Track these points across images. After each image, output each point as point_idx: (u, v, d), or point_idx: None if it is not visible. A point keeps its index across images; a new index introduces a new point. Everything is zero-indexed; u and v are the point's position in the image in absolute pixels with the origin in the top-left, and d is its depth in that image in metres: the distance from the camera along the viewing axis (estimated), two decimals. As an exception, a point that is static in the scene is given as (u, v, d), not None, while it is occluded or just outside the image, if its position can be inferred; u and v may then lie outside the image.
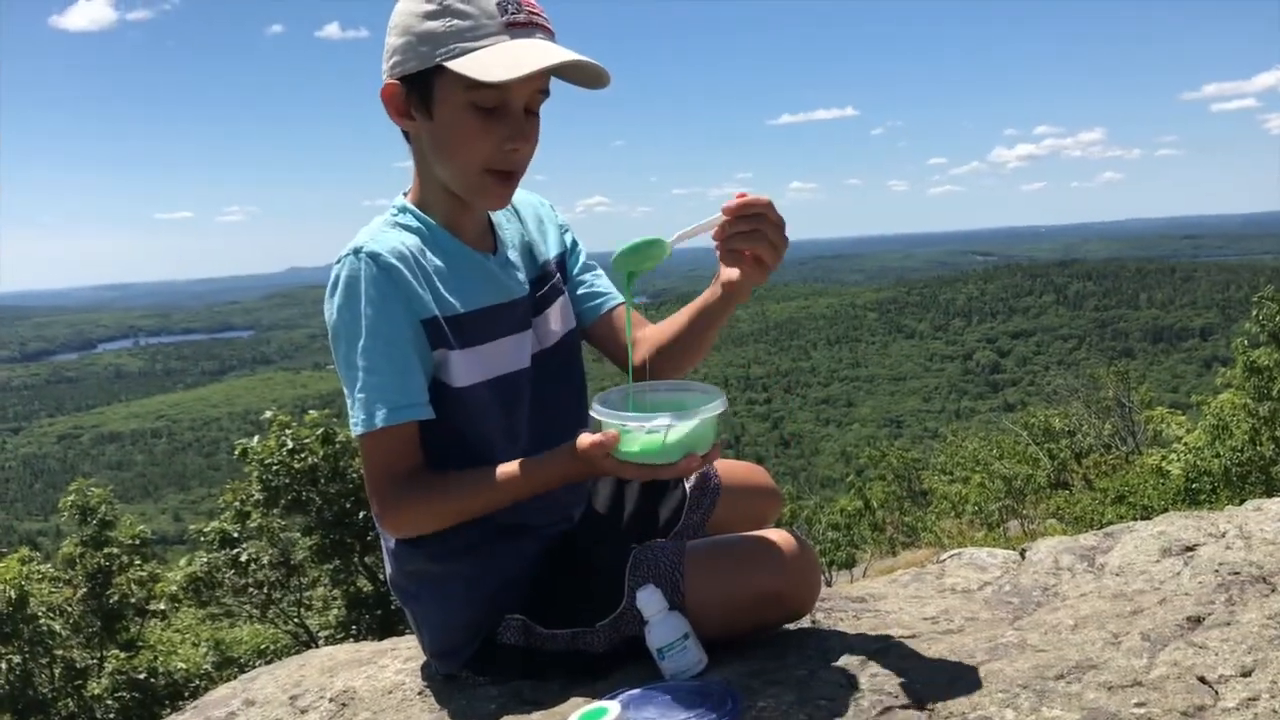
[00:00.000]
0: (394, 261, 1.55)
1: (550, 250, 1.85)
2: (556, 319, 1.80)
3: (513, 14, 1.50)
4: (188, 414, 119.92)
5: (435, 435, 1.62)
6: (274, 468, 10.51)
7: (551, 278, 1.82)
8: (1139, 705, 1.28)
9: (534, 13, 1.53)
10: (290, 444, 10.55)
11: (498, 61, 1.47)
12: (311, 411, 11.20)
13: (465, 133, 1.55)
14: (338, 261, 1.58)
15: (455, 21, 1.49)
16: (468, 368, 1.62)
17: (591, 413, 1.48)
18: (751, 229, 1.50)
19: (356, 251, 1.55)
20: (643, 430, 1.43)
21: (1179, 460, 13.58)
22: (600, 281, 1.92)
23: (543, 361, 1.76)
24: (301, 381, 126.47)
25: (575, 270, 1.91)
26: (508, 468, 1.57)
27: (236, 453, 10.99)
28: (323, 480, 10.63)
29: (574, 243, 1.93)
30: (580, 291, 1.90)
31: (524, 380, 1.72)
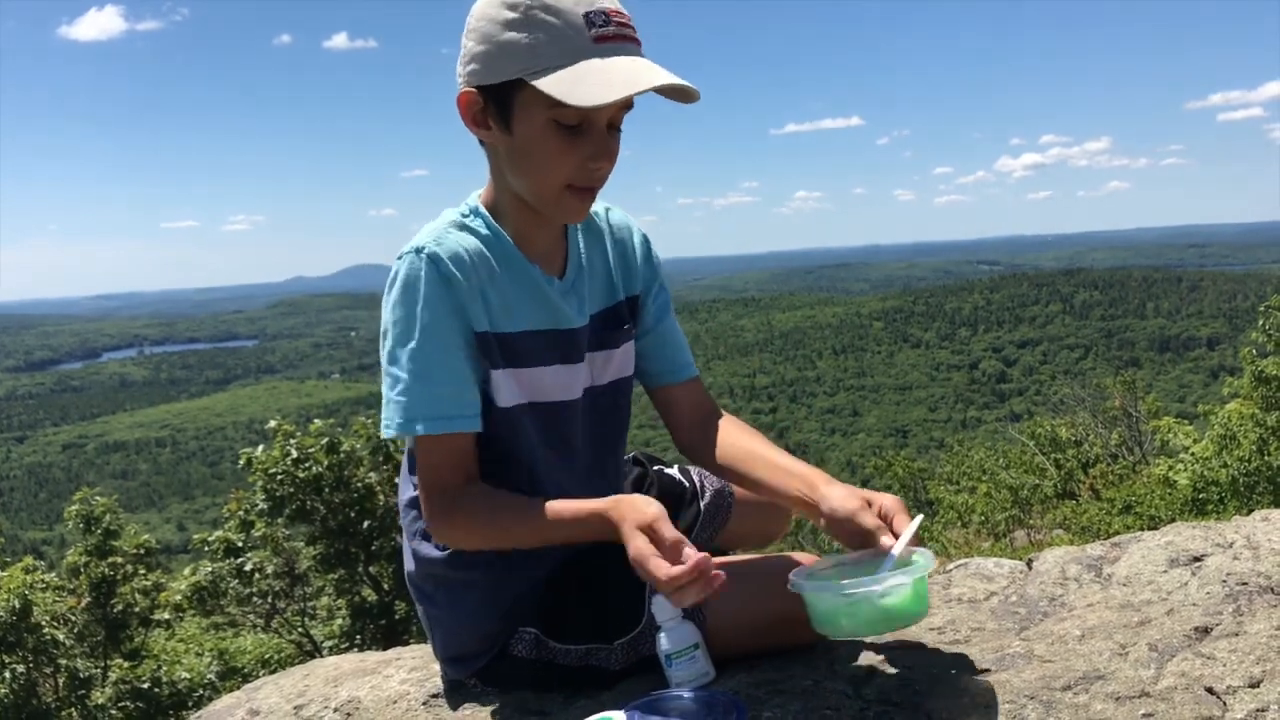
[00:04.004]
0: (453, 269, 1.52)
1: (627, 288, 1.78)
2: (617, 361, 1.75)
3: (600, 27, 1.43)
4: (192, 423, 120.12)
5: (483, 448, 1.60)
6: (278, 477, 10.49)
7: (624, 319, 1.76)
8: (1146, 716, 1.28)
9: (622, 24, 1.45)
10: (295, 453, 10.54)
11: (586, 83, 1.40)
12: (316, 421, 11.18)
13: (547, 151, 1.49)
14: (399, 257, 1.55)
15: (540, 35, 1.42)
16: (507, 388, 1.60)
17: (811, 587, 1.43)
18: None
19: (419, 250, 1.53)
20: (875, 593, 1.38)
21: (1186, 470, 13.52)
22: (676, 342, 1.85)
23: (592, 397, 1.72)
24: (306, 391, 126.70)
25: (654, 323, 1.83)
26: (564, 512, 1.52)
27: (241, 462, 10.97)
28: (327, 490, 10.62)
29: (660, 290, 1.84)
30: (656, 352, 1.83)
31: (573, 412, 1.69)
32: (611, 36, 1.43)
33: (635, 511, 1.43)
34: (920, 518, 1.59)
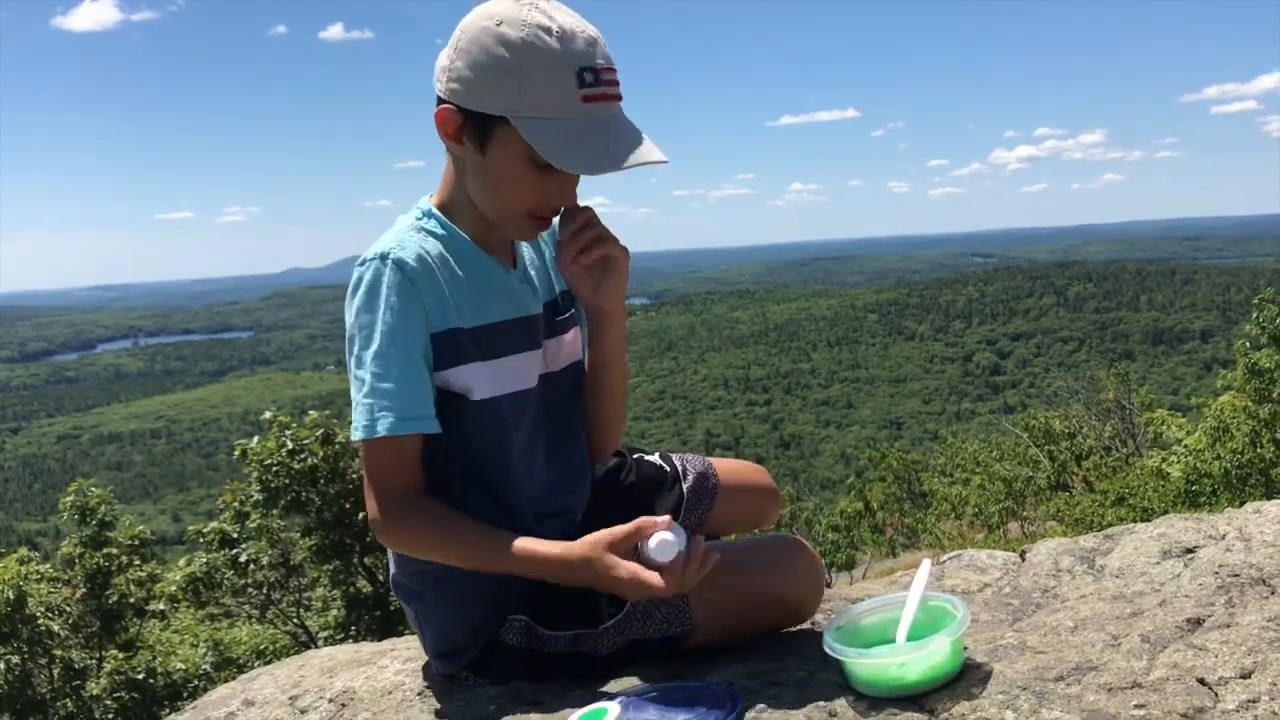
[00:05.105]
0: (419, 270, 1.55)
1: (560, 283, 1.83)
2: (569, 345, 1.80)
3: (590, 87, 1.48)
4: (187, 414, 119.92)
5: (443, 446, 1.62)
6: (273, 468, 10.48)
7: (567, 307, 1.82)
8: (1139, 707, 1.28)
9: (609, 83, 1.51)
10: (290, 445, 10.52)
11: (566, 148, 1.47)
12: (311, 412, 11.18)
13: (516, 181, 1.55)
14: (361, 264, 1.57)
15: (530, 86, 1.47)
16: (485, 380, 1.63)
17: (849, 652, 1.44)
18: (593, 236, 1.60)
19: (383, 256, 1.55)
20: (918, 656, 1.41)
21: (1179, 462, 13.55)
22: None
23: (549, 384, 1.76)
24: (301, 382, 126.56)
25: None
26: (520, 546, 1.56)
27: (236, 453, 10.95)
28: (322, 481, 10.60)
29: None
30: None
31: (532, 399, 1.72)
32: (598, 97, 1.50)
33: (589, 545, 1.51)
34: (928, 562, 1.64)
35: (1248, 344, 13.22)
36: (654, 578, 1.46)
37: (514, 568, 1.57)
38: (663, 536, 1.49)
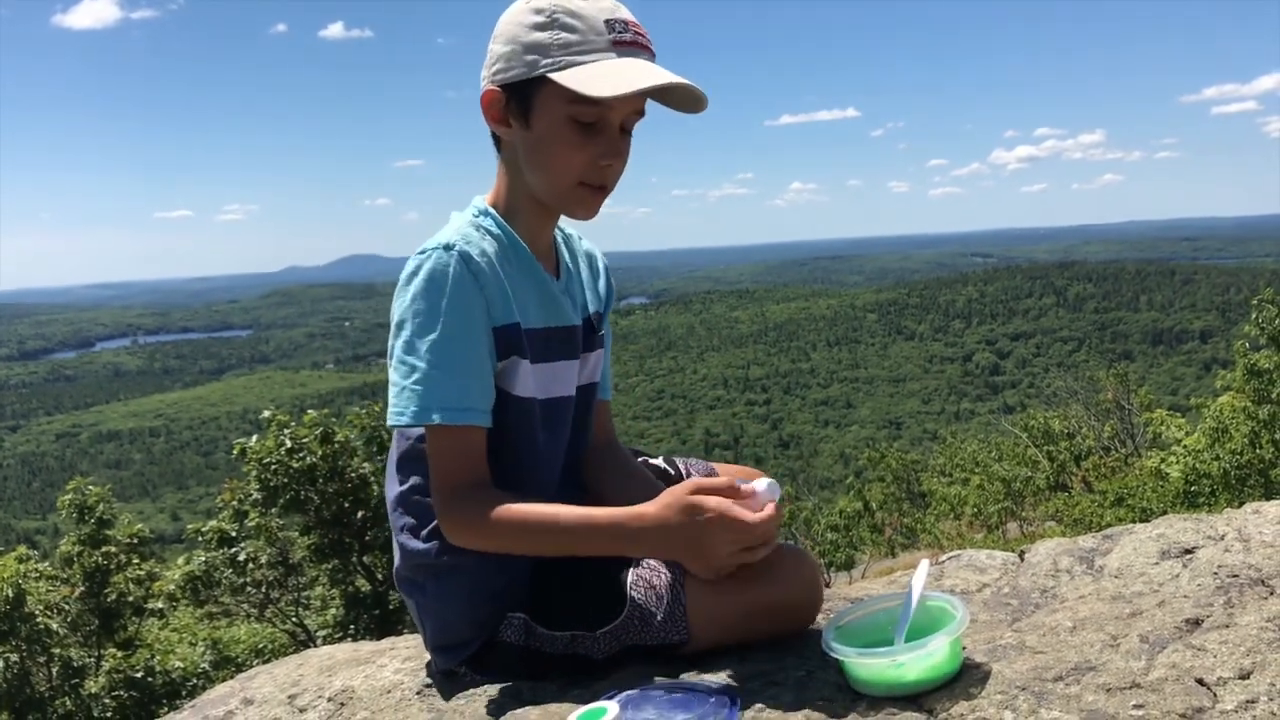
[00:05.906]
0: (483, 266, 1.56)
1: (594, 304, 1.87)
2: (592, 363, 1.83)
3: (619, 33, 1.54)
4: (186, 413, 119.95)
5: (490, 438, 1.62)
6: (272, 467, 10.48)
7: (598, 327, 1.84)
8: (1137, 707, 1.28)
9: (639, 33, 1.56)
10: (289, 443, 10.53)
11: (603, 78, 1.50)
12: (310, 411, 11.19)
13: (562, 145, 1.57)
14: (421, 252, 1.57)
15: (563, 34, 1.52)
16: (528, 380, 1.64)
17: (848, 652, 1.42)
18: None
19: (448, 247, 1.55)
20: (916, 656, 1.40)
21: (1178, 463, 13.56)
22: (606, 367, 1.92)
23: (581, 396, 1.79)
24: (300, 381, 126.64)
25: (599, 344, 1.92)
26: (596, 522, 1.54)
27: (235, 452, 10.96)
28: (321, 480, 10.61)
29: (608, 316, 1.94)
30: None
31: (569, 407, 1.74)
32: (629, 43, 1.55)
33: (681, 494, 1.49)
34: (926, 563, 1.63)
35: (1247, 345, 13.22)
36: (767, 511, 1.48)
37: (593, 548, 1.56)
38: (767, 481, 1.51)
